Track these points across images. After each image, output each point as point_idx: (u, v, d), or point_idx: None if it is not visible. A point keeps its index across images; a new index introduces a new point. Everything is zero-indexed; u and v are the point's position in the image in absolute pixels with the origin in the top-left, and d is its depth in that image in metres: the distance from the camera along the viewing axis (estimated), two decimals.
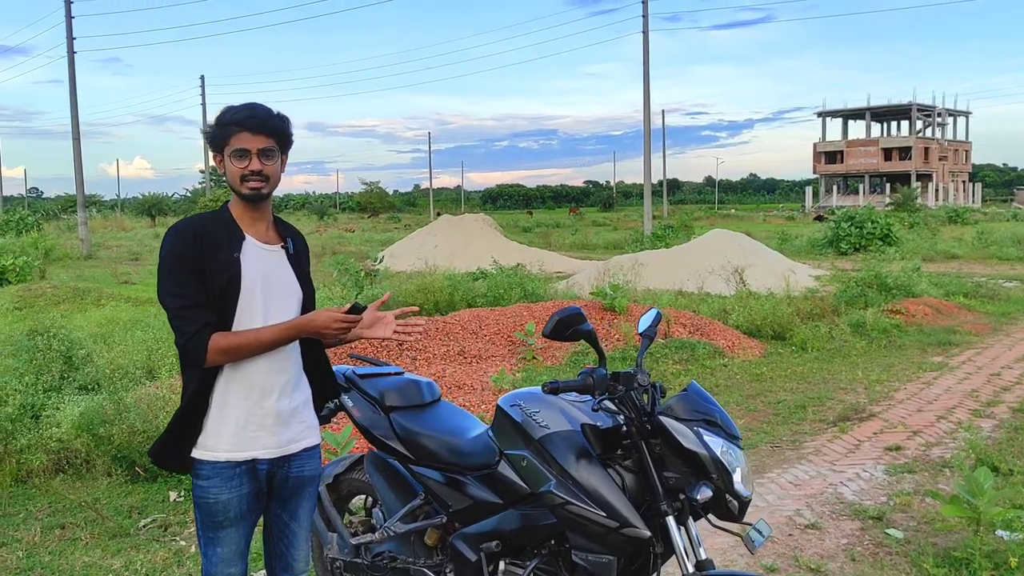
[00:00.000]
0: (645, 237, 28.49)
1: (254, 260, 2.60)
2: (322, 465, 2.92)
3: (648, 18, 31.82)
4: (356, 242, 33.79)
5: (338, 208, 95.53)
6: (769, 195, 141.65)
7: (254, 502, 2.68)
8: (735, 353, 9.53)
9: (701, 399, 2.66)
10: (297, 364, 2.72)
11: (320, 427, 3.08)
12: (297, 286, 2.69)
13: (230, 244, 2.57)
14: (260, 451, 2.63)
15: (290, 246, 2.72)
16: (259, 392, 2.61)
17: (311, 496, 2.83)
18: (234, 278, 2.54)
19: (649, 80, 32.17)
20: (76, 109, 31.62)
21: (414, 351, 8.78)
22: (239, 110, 2.58)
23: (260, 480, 2.67)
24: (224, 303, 2.53)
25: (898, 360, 9.38)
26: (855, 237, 25.20)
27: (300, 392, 2.73)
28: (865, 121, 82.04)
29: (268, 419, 2.63)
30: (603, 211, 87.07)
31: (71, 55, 31.70)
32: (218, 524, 2.64)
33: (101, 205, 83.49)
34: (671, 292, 14.06)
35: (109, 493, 5.44)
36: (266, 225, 2.68)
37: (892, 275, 13.55)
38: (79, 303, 14.02)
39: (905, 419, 6.99)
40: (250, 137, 2.54)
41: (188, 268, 2.51)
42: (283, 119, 2.64)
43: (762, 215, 66.34)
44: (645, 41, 32.06)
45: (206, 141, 2.63)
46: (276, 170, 2.62)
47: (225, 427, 2.60)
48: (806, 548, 4.55)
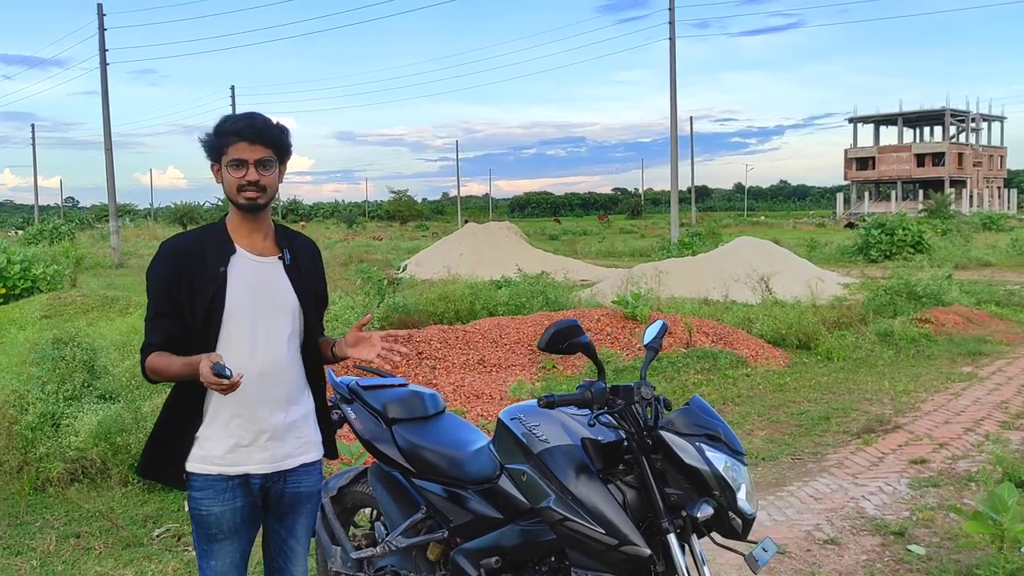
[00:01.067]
0: (672, 244, 28.30)
1: (243, 273, 2.57)
2: (323, 481, 2.89)
3: (675, 25, 31.70)
4: (383, 250, 33.90)
5: (367, 216, 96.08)
6: (800, 202, 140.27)
7: (249, 516, 2.65)
8: (758, 362, 9.40)
9: (704, 413, 2.60)
10: (295, 378, 2.68)
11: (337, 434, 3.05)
12: (293, 298, 2.64)
13: (218, 258, 2.55)
14: (253, 466, 2.60)
15: (287, 257, 2.67)
16: (252, 406, 2.57)
17: (309, 512, 2.79)
18: (218, 292, 2.52)
19: (676, 87, 32.03)
20: (108, 120, 32.10)
21: (433, 360, 8.75)
22: (237, 119, 2.56)
23: (254, 494, 2.64)
24: (208, 320, 2.51)
25: (926, 370, 9.19)
26: (886, 244, 24.86)
27: (299, 407, 2.68)
28: (897, 127, 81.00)
29: (262, 434, 2.60)
30: (631, 218, 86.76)
31: (103, 67, 32.19)
32: (212, 537, 2.62)
33: (134, 214, 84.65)
34: (695, 300, 13.92)
35: (124, 502, 5.47)
36: (263, 236, 2.65)
37: (922, 283, 13.31)
38: (107, 311, 14.15)
39: (931, 431, 6.83)
40: (248, 147, 2.52)
41: (162, 286, 2.53)
42: (282, 129, 2.61)
43: (792, 222, 65.70)
44: (672, 48, 31.94)
45: (204, 149, 2.60)
46: (274, 180, 2.59)
47: (217, 441, 2.57)
48: (824, 564, 4.44)
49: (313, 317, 2.72)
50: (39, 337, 9.25)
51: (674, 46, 31.83)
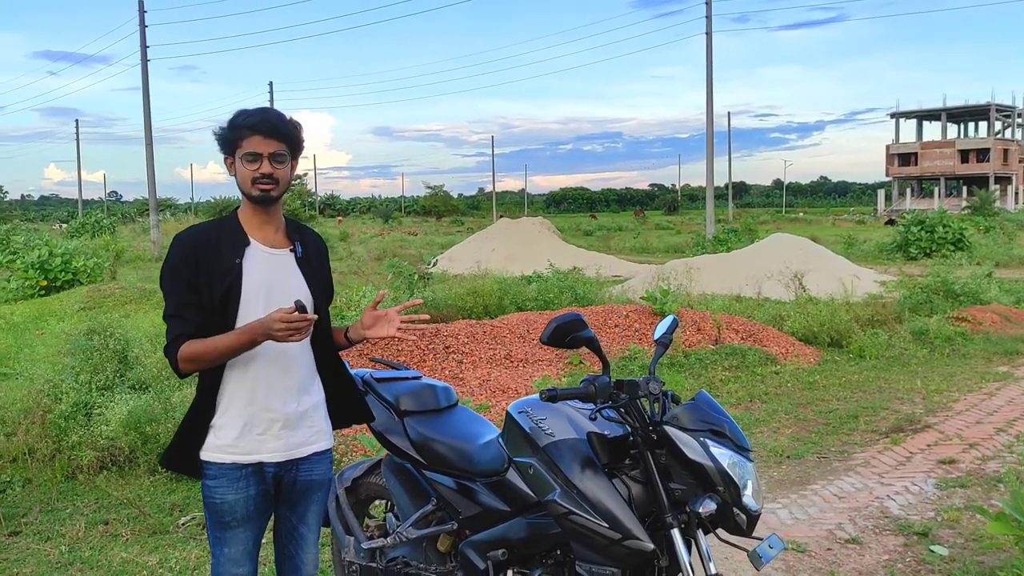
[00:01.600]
0: (706, 241, 28.09)
1: (257, 265, 2.62)
2: (333, 470, 2.93)
3: (711, 19, 31.41)
4: (417, 245, 34.09)
5: (403, 211, 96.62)
6: (840, 198, 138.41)
7: (261, 504, 2.70)
8: (788, 360, 9.30)
9: (709, 408, 2.58)
10: (306, 367, 2.72)
11: (354, 427, 3.10)
12: (305, 290, 2.68)
13: (232, 250, 2.60)
14: (266, 455, 2.65)
15: (298, 249, 2.72)
16: (264, 395, 2.62)
17: (320, 500, 2.84)
18: (234, 284, 2.56)
19: (712, 82, 31.76)
20: (149, 115, 32.62)
21: (460, 354, 8.79)
22: (252, 114, 2.61)
23: (267, 482, 2.69)
24: (225, 309, 2.55)
25: (960, 369, 9.03)
26: (925, 242, 24.46)
27: (310, 396, 2.73)
28: (941, 122, 79.46)
29: (274, 423, 2.64)
30: (667, 214, 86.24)
31: (144, 63, 32.71)
32: (225, 524, 2.67)
33: (175, 208, 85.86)
34: (728, 297, 13.82)
35: (152, 490, 5.57)
36: (275, 228, 2.70)
37: (960, 281, 13.07)
38: (144, 303, 14.42)
39: (962, 431, 6.72)
40: (262, 141, 2.57)
41: (180, 278, 2.56)
42: (295, 125, 2.66)
43: (831, 219, 64.85)
44: (708, 42, 31.66)
45: (217, 142, 2.65)
46: (286, 174, 2.64)
47: (231, 430, 2.62)
48: (844, 563, 4.40)
49: (323, 308, 2.76)
50: (76, 328, 9.45)
51: (711, 41, 31.55)
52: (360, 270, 18.02)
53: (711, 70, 31.72)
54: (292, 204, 41.09)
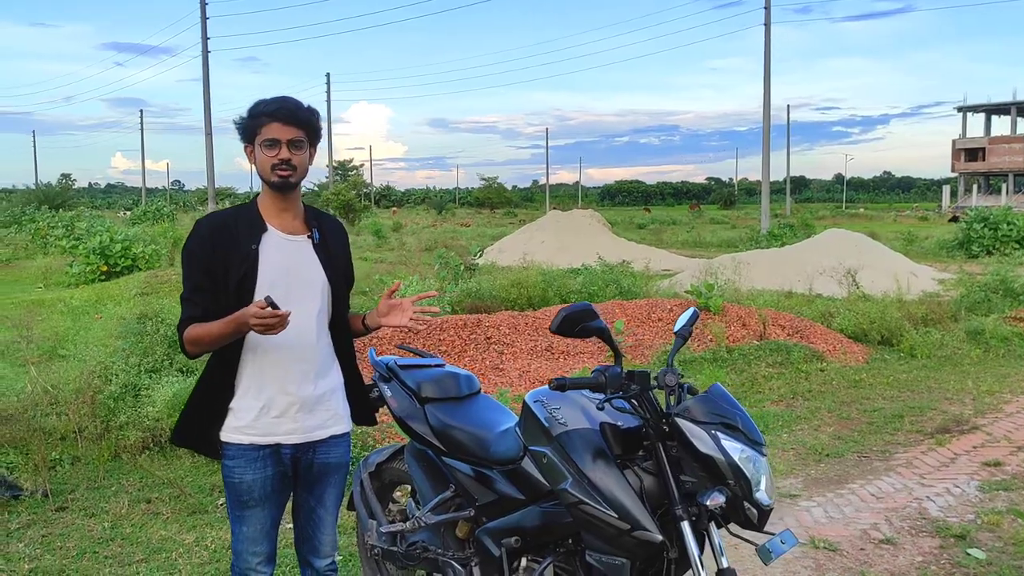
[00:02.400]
0: (761, 236, 27.68)
1: (274, 251, 2.67)
2: (350, 452, 2.98)
3: (770, 10, 30.91)
4: (468, 236, 34.20)
5: (457, 203, 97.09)
6: (904, 194, 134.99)
7: (279, 484, 2.76)
8: (835, 358, 9.14)
9: (723, 401, 2.56)
10: (324, 352, 2.77)
11: (375, 412, 3.16)
12: (322, 275, 2.74)
13: (250, 236, 2.66)
14: (283, 436, 2.71)
15: (316, 236, 2.77)
16: (282, 378, 2.68)
17: (337, 483, 2.89)
18: (250, 269, 2.62)
19: (770, 74, 31.28)
20: (208, 105, 33.35)
21: (501, 345, 8.83)
22: (270, 103, 2.67)
23: (285, 464, 2.75)
24: (240, 295, 2.61)
25: (1015, 371, 8.78)
26: (988, 239, 23.75)
27: (328, 380, 2.78)
28: (1010, 116, 76.94)
29: (292, 406, 2.70)
30: (723, 208, 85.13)
31: (205, 54, 33.41)
32: (243, 503, 2.74)
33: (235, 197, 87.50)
34: (778, 293, 13.62)
35: (194, 471, 5.72)
36: (293, 215, 2.76)
37: (1020, 280, 12.68)
38: None
39: (1010, 433, 6.54)
40: (280, 128, 2.63)
41: (195, 263, 2.64)
42: (312, 112, 2.72)
43: (893, 214, 63.39)
44: (767, 33, 31.17)
45: (238, 131, 2.72)
46: (304, 160, 2.70)
47: (249, 411, 2.69)
48: (876, 564, 4.32)
49: (340, 294, 2.81)
50: (131, 313, 9.72)
51: (769, 32, 31.05)
52: (408, 260, 18.17)
53: (768, 62, 31.24)
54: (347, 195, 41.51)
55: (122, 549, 4.54)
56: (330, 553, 2.93)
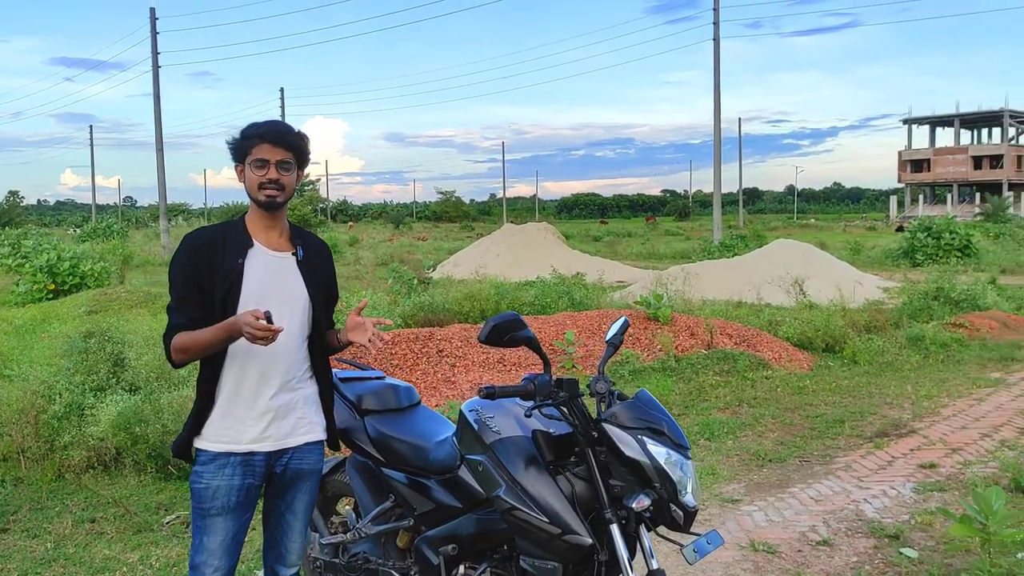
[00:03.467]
0: (713, 247, 28.09)
1: (259, 266, 2.76)
2: (323, 462, 3.02)
3: (719, 25, 31.49)
4: (424, 251, 34.17)
5: (414, 217, 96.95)
6: (854, 204, 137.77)
7: (244, 497, 2.80)
8: (781, 365, 9.33)
9: (649, 407, 2.65)
10: (302, 365, 2.86)
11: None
12: (304, 292, 2.83)
13: (236, 252, 2.75)
14: (257, 444, 2.77)
15: (300, 253, 2.86)
16: (259, 389, 2.76)
17: (309, 490, 2.94)
18: (236, 283, 2.71)
19: (720, 88, 31.81)
20: (160, 121, 32.94)
21: (453, 357, 8.87)
22: (261, 125, 2.79)
23: (256, 475, 2.80)
24: (225, 308, 2.69)
25: (953, 375, 9.05)
26: (932, 248, 24.37)
27: (303, 389, 2.86)
28: (954, 128, 79.11)
29: (267, 414, 2.77)
30: (678, 220, 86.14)
31: (155, 69, 33.04)
32: (206, 511, 2.77)
33: (188, 213, 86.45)
34: (728, 302, 13.85)
35: (140, 490, 5.68)
36: (279, 233, 2.85)
37: (958, 288, 13.06)
38: (149, 307, 14.57)
39: (946, 436, 6.75)
40: (270, 149, 2.74)
41: (183, 274, 2.73)
42: (301, 136, 2.83)
43: (843, 225, 64.59)
44: (716, 49, 31.74)
45: (230, 151, 2.82)
46: (291, 181, 2.81)
47: (224, 420, 2.76)
48: (813, 565, 4.45)
49: (321, 310, 2.90)
50: (77, 331, 9.59)
51: (718, 47, 31.62)
52: (363, 275, 18.14)
53: (718, 76, 31.79)
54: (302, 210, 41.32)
55: (65, 569, 4.50)
56: (296, 562, 2.97)
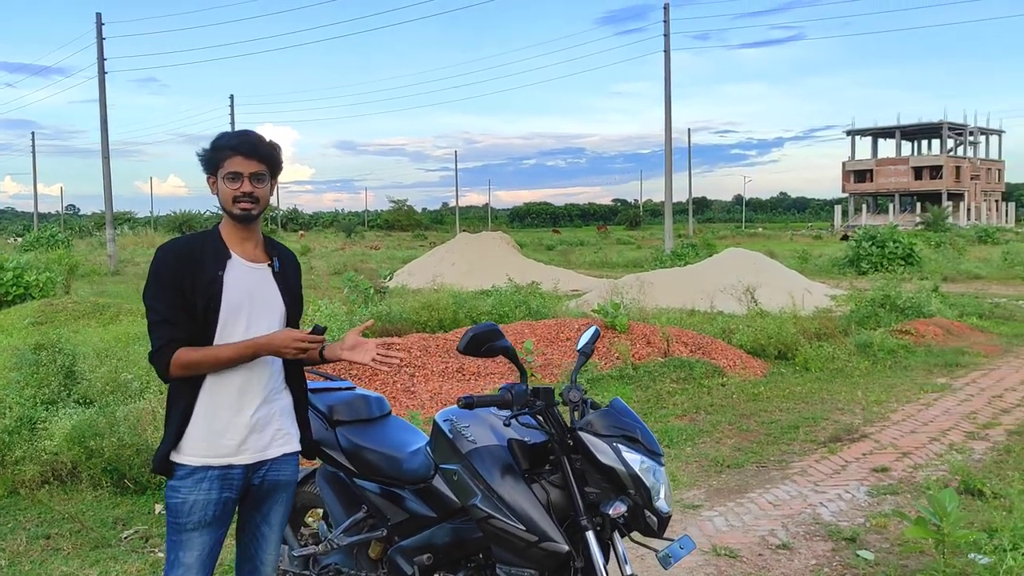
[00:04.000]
0: (664, 255, 28.43)
1: (238, 278, 2.75)
2: (298, 474, 3.01)
3: (669, 37, 31.92)
4: (378, 259, 34.04)
5: (366, 226, 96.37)
6: (800, 214, 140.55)
7: (221, 512, 2.78)
8: (735, 372, 9.49)
9: (623, 415, 2.70)
10: (277, 376, 2.85)
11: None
12: (281, 302, 2.83)
13: (215, 263, 2.73)
14: (235, 457, 2.76)
15: (276, 264, 2.86)
16: (236, 402, 2.74)
17: (284, 501, 2.93)
18: (215, 295, 2.69)
19: (671, 99, 32.22)
20: (106, 128, 32.28)
21: (412, 367, 8.85)
22: (233, 136, 2.77)
23: (233, 489, 2.78)
24: (206, 319, 2.68)
25: (901, 381, 9.29)
26: (876, 257, 24.98)
27: (279, 402, 2.86)
28: (895, 140, 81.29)
29: (244, 427, 2.76)
30: (629, 229, 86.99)
31: (101, 75, 32.40)
32: (182, 526, 2.75)
33: (134, 222, 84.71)
34: (681, 311, 14.04)
35: (96, 505, 5.56)
36: (254, 244, 2.84)
37: (904, 295, 13.42)
38: (97, 318, 14.28)
39: (896, 440, 6.93)
40: (243, 161, 2.72)
41: (166, 286, 2.68)
42: (274, 147, 2.82)
43: (789, 234, 65.86)
44: (667, 60, 32.14)
45: (201, 163, 2.79)
46: (265, 193, 2.79)
47: (202, 434, 2.73)
48: (773, 568, 4.54)
49: (295, 321, 2.90)
50: (25, 343, 9.36)
51: (669, 58, 32.03)
52: (317, 284, 17.99)
53: (669, 87, 32.20)
54: None
55: None
56: (271, 573, 2.95)
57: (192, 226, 63.20)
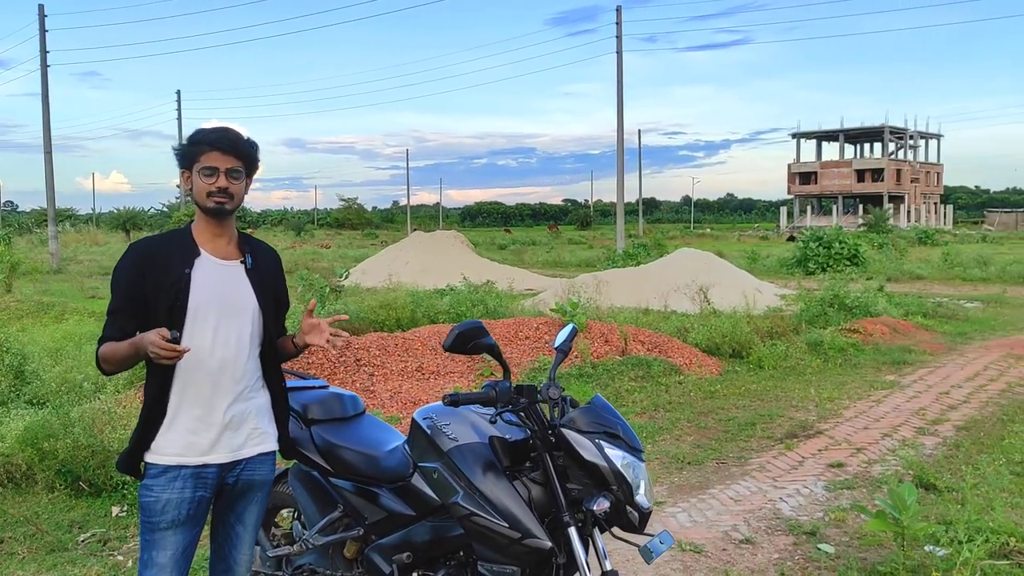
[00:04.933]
0: (617, 255, 28.66)
1: (206, 275, 2.72)
2: (274, 473, 2.97)
3: (622, 39, 32.15)
4: (330, 258, 33.74)
5: (316, 224, 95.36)
6: (746, 215, 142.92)
7: (195, 510, 2.74)
8: (692, 370, 9.62)
9: (604, 412, 2.72)
10: (253, 374, 2.82)
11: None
12: (253, 300, 2.79)
13: (182, 261, 2.70)
14: (210, 456, 2.72)
15: (248, 261, 2.81)
16: (209, 400, 2.71)
17: (259, 501, 2.90)
18: (181, 293, 2.67)
19: (623, 100, 32.48)
20: (48, 123, 31.47)
21: (371, 367, 8.80)
22: (211, 131, 2.75)
23: (207, 487, 2.75)
24: (171, 317, 2.64)
25: (851, 378, 9.51)
26: (823, 257, 25.49)
27: (255, 400, 2.82)
28: (839, 143, 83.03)
29: (216, 425, 2.73)
30: (580, 229, 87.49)
31: (44, 68, 31.56)
32: (155, 525, 2.71)
33: (76, 219, 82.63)
34: (636, 310, 14.16)
35: (51, 508, 5.43)
36: (227, 241, 2.81)
37: (852, 295, 13.73)
38: (41, 317, 13.92)
39: (850, 436, 7.10)
40: (220, 156, 2.70)
41: (123, 285, 2.68)
42: (252, 144, 2.80)
43: (737, 235, 66.90)
44: (619, 61, 32.39)
45: (176, 157, 2.77)
46: (240, 190, 2.77)
47: (177, 432, 2.70)
48: (738, 562, 4.62)
49: (271, 318, 2.86)
50: None
51: (621, 60, 32.28)
52: None
53: (621, 89, 32.45)
54: None
55: None
56: (245, 573, 2.91)
57: (137, 224, 61.79)
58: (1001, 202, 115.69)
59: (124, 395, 6.70)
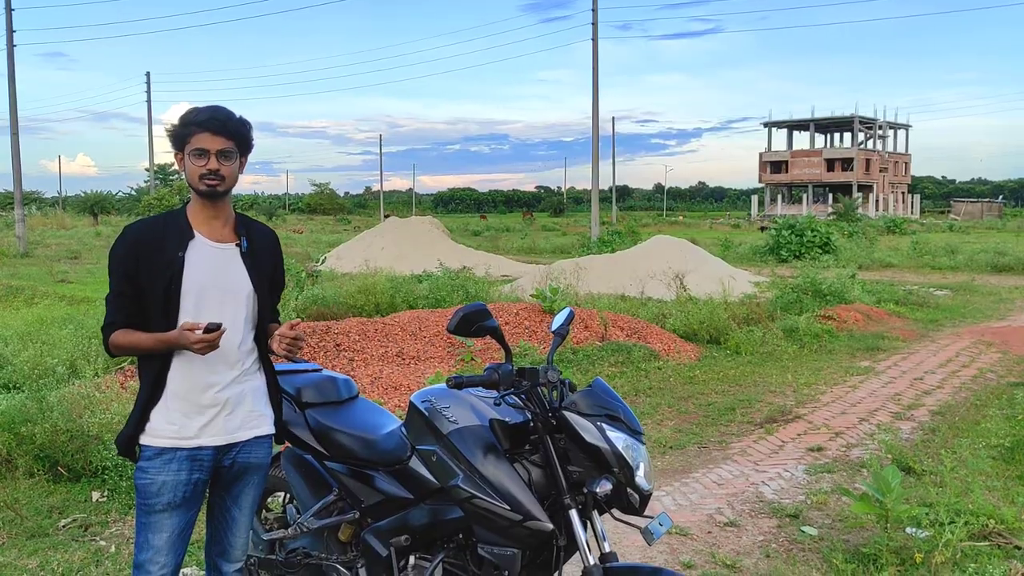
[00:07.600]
0: (592, 242, 28.73)
1: (200, 258, 2.69)
2: (271, 456, 2.94)
3: (597, 26, 32.14)
4: (303, 243, 33.52)
5: (287, 209, 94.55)
6: (718, 203, 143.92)
7: (191, 493, 2.72)
8: (671, 356, 9.68)
9: (605, 395, 2.73)
10: (248, 357, 2.79)
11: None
12: (248, 283, 2.75)
13: (177, 243, 2.67)
14: (206, 439, 2.70)
15: (243, 244, 2.78)
16: (206, 383, 2.69)
17: (256, 484, 2.88)
18: (176, 276, 2.64)
19: (598, 88, 32.48)
20: (15, 104, 30.84)
21: (351, 352, 8.76)
22: (202, 111, 2.69)
23: (203, 470, 2.73)
24: (167, 300, 2.63)
25: (827, 364, 9.62)
26: (795, 245, 25.74)
27: (251, 381, 2.80)
28: (809, 132, 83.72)
29: (212, 408, 2.70)
30: (554, 216, 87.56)
31: (11, 48, 30.91)
32: (151, 508, 2.69)
33: (42, 202, 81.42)
34: (613, 296, 14.22)
35: (30, 493, 5.34)
36: (222, 223, 2.77)
37: (827, 282, 13.87)
38: (11, 301, 13.70)
39: (828, 421, 7.19)
40: (210, 138, 2.65)
41: (120, 268, 2.67)
42: (244, 123, 2.74)
43: (709, 223, 67.28)
44: (594, 48, 32.38)
45: (168, 139, 2.72)
46: (233, 171, 2.72)
47: (173, 415, 2.68)
48: (723, 545, 4.66)
49: (266, 301, 2.82)
50: None
51: (596, 47, 32.26)
52: None
53: (597, 76, 32.44)
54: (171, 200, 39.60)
55: None
56: (240, 558, 2.90)
57: (105, 208, 60.85)
58: (966, 192, 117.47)
59: (103, 379, 6.61)
